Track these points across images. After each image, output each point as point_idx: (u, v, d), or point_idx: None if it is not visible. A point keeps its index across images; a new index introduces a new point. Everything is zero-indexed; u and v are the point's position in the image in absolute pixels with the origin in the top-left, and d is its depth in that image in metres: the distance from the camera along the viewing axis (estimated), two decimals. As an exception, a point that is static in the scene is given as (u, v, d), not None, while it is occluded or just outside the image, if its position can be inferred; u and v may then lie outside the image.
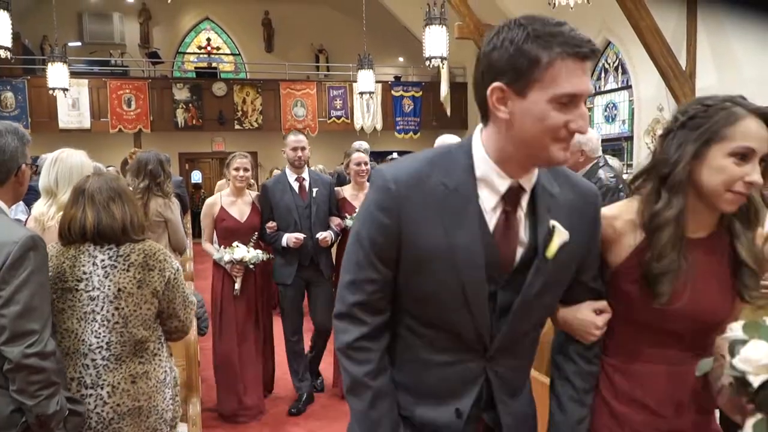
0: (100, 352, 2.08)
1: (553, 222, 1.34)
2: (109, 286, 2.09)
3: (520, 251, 1.36)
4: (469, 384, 1.40)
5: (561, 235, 1.34)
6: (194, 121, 13.21)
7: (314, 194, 4.29)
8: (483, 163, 1.32)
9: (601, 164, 3.66)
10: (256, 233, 4.16)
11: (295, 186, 4.30)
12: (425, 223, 1.30)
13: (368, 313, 1.38)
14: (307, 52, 15.61)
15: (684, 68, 8.15)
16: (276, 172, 10.06)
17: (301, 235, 4.14)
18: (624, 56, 9.85)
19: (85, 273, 2.09)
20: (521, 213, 1.36)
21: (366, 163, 4.47)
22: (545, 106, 1.20)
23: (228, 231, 4.15)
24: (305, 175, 4.35)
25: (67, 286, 2.08)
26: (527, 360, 1.51)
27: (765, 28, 7.08)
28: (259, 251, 4.08)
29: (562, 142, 1.23)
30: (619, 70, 10.24)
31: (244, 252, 4.01)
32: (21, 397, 1.82)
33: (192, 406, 2.91)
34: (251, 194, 4.35)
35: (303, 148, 4.29)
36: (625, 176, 6.51)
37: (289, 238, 4.14)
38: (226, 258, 4.01)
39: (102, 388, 2.08)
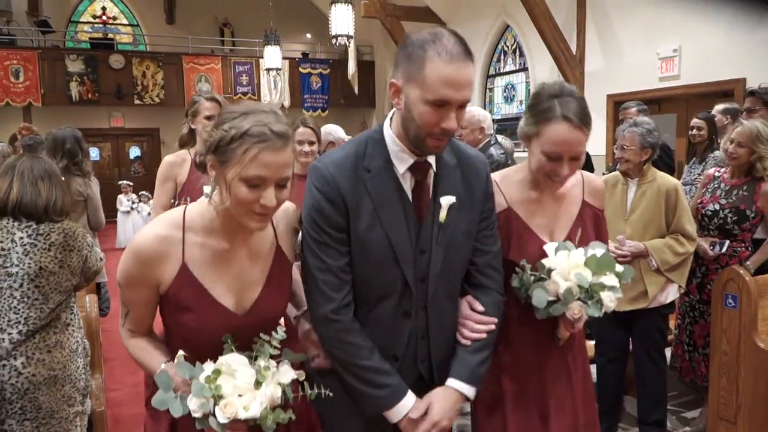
0: (17, 326, 2.10)
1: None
2: (29, 264, 2.11)
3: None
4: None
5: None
6: (90, 95, 12.59)
7: (444, 208, 1.52)
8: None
9: (492, 142, 4.01)
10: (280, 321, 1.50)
11: (406, 183, 1.53)
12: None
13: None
14: (211, 25, 15.18)
15: (575, 53, 8.66)
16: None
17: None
18: (521, 40, 10.30)
19: (3, 249, 2.10)
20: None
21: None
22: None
23: (201, 336, 1.40)
24: (433, 159, 1.55)
25: None
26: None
27: (644, 16, 7.67)
28: (286, 368, 1.37)
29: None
30: (517, 52, 10.69)
31: (248, 387, 1.28)
32: None
33: (94, 382, 2.92)
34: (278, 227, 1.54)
35: (465, 84, 1.39)
36: (517, 155, 6.86)
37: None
38: (193, 406, 1.26)
39: (16, 359, 2.09)
